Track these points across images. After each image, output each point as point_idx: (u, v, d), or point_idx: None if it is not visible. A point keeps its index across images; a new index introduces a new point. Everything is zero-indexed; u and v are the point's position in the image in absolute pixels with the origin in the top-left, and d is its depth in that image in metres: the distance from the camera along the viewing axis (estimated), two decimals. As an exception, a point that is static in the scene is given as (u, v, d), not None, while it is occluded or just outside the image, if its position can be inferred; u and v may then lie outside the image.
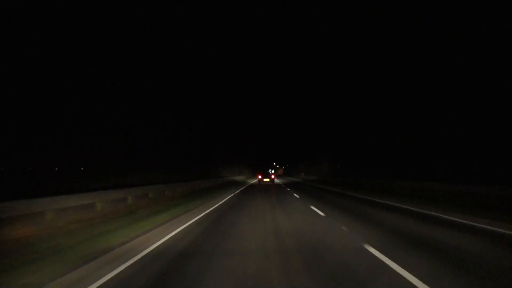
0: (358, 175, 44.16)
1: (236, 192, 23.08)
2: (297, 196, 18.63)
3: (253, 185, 35.34)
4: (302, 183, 41.31)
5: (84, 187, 18.57)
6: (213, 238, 7.21)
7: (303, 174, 76.78)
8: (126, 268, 5.08)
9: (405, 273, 4.50)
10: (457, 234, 7.33)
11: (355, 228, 8.11)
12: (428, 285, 4.06)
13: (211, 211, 12.33)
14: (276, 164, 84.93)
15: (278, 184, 36.78)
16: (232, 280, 4.46)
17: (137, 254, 5.85)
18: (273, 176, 43.81)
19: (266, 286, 4.25)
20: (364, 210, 12.04)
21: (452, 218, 9.38)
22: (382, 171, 53.32)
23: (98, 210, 11.43)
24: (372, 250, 5.81)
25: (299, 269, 4.85)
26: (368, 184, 26.59)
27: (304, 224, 9.07)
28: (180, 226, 8.78)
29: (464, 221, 8.86)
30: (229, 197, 19.12)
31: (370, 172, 52.44)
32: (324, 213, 10.94)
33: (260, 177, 41.23)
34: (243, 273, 4.69)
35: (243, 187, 30.92)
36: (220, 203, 15.50)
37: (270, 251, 5.93)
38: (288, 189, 26.85)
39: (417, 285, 4.09)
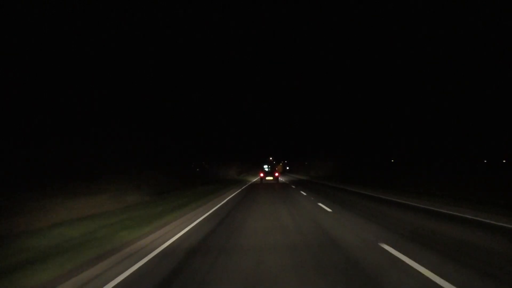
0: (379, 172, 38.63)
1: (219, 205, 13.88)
2: (329, 209, 11.13)
3: (253, 185, 28.20)
4: (317, 183, 33.90)
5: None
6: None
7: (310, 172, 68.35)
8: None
9: None
10: None
11: None
12: None
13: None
14: (273, 160, 76.16)
15: (285, 184, 29.77)
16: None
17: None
18: (277, 174, 37.89)
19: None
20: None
21: None
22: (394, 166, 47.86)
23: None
24: None
25: None
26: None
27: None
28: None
29: None
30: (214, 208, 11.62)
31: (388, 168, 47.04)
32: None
33: (262, 175, 37.77)
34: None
35: (238, 190, 23.53)
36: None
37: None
38: (304, 193, 19.22)
39: None
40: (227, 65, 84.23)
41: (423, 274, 4.05)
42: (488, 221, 8.01)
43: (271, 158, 70.32)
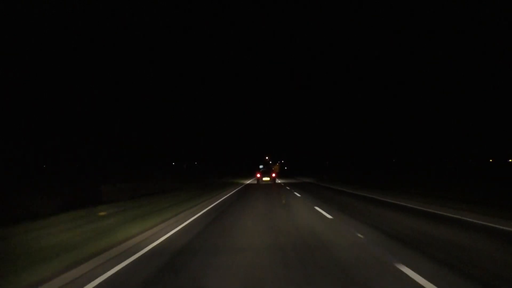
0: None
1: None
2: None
3: (246, 190, 25.46)
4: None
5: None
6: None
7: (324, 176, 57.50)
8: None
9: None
10: None
11: None
12: None
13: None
14: (270, 159, 71.97)
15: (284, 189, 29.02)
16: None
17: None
18: (274, 174, 38.26)
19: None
20: None
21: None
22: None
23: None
24: None
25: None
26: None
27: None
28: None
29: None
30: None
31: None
32: None
33: (258, 175, 38.12)
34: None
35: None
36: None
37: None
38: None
39: None
40: (227, 65, 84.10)
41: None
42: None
43: (267, 158, 68.97)
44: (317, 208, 12.20)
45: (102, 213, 10.71)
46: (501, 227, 7.83)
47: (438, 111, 52.83)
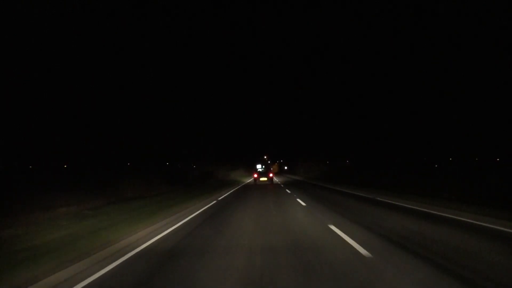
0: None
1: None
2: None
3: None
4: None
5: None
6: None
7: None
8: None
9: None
10: None
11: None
12: None
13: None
14: (268, 159, 70.95)
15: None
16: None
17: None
18: (271, 175, 37.84)
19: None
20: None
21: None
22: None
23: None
24: None
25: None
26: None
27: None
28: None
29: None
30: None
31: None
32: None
33: (256, 175, 37.21)
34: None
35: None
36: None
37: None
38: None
39: None
40: (227, 65, 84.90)
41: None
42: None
43: (265, 157, 67.69)
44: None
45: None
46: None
47: (438, 111, 52.50)
